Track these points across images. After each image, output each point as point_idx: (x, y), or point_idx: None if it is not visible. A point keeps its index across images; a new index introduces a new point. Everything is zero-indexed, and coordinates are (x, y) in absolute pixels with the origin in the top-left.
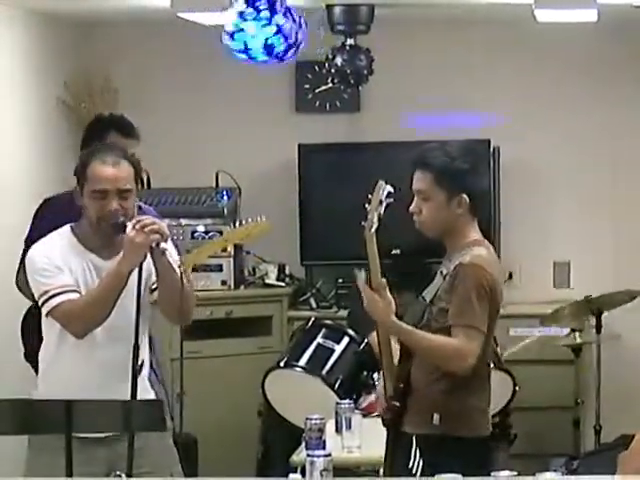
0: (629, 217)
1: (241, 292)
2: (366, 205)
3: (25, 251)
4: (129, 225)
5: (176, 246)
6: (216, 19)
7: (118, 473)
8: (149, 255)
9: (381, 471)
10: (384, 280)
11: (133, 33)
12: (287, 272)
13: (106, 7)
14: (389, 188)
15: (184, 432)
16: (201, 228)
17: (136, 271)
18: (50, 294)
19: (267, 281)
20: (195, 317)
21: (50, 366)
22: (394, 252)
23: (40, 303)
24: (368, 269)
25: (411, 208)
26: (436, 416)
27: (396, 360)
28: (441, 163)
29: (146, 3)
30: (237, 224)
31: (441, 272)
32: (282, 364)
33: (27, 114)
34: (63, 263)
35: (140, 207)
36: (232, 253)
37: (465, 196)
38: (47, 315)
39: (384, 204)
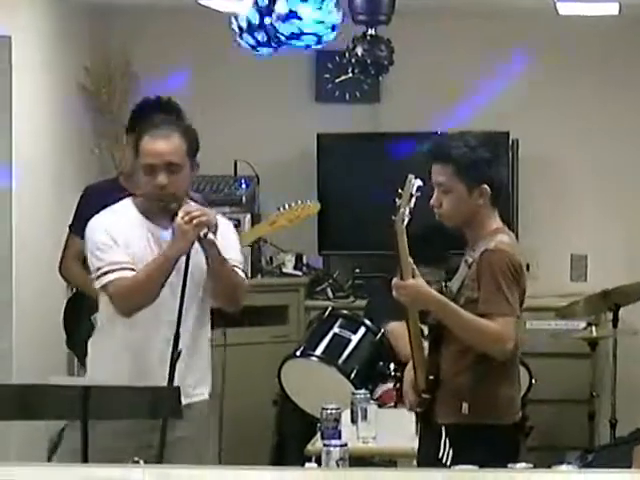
0: None
1: (258, 281)
2: (396, 200)
3: (68, 237)
4: (179, 214)
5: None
6: (236, 7)
7: (136, 459)
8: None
9: (413, 462)
10: (412, 261)
11: (153, 19)
12: (304, 262)
13: None
14: (419, 182)
15: None
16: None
17: (183, 260)
18: (103, 271)
19: (284, 270)
20: (211, 305)
21: (100, 345)
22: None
23: (93, 278)
24: (399, 263)
25: (432, 201)
26: (465, 405)
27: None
28: (461, 154)
29: None
30: (285, 207)
31: (466, 261)
32: (298, 353)
33: (48, 99)
34: (122, 236)
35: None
36: (250, 242)
37: (486, 186)
38: (100, 290)
39: (414, 198)
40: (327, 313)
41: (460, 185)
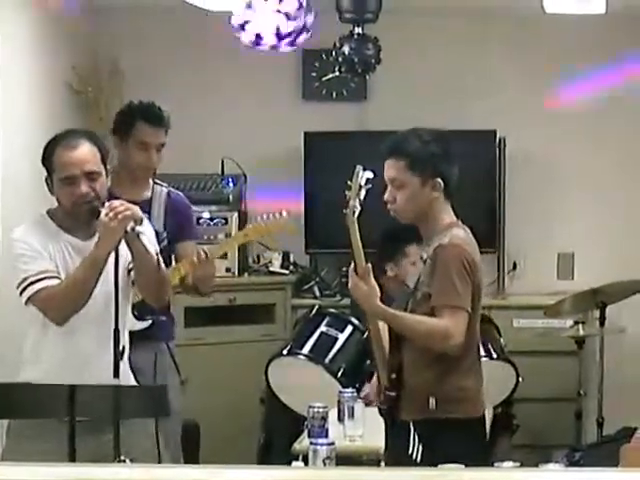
0: (634, 209)
1: (245, 279)
2: (346, 192)
3: None
4: (102, 211)
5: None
6: (222, 5)
7: (123, 458)
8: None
9: (382, 463)
10: (369, 265)
11: (141, 18)
12: (291, 260)
13: None
14: (368, 174)
15: (186, 418)
16: (206, 215)
17: (112, 256)
18: (29, 281)
19: (271, 269)
20: (198, 304)
21: (34, 356)
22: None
23: (20, 291)
24: (352, 256)
25: (385, 197)
26: (432, 400)
27: (387, 351)
28: (414, 149)
29: None
30: (259, 219)
31: (421, 257)
32: (285, 352)
33: (35, 99)
34: (42, 247)
35: (169, 193)
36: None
37: (439, 180)
38: (26, 303)
39: (364, 190)
40: (314, 311)
41: (413, 179)
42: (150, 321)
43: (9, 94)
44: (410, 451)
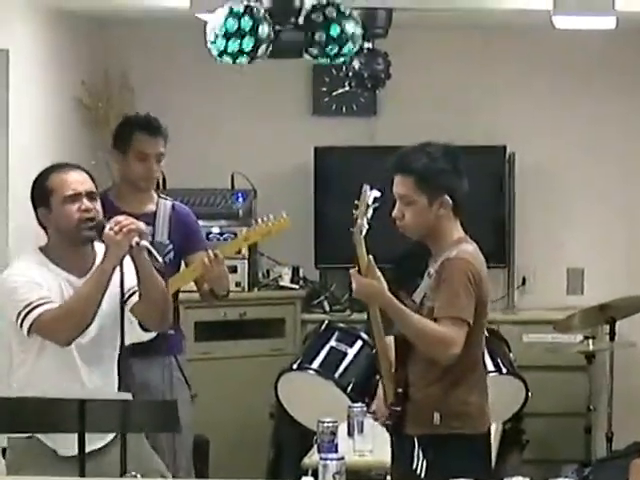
0: None
1: (255, 294)
2: (353, 210)
3: None
4: (107, 225)
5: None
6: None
7: (133, 473)
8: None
9: (388, 478)
10: (371, 258)
11: (151, 33)
12: (301, 275)
13: (124, 6)
14: (376, 193)
15: (196, 433)
16: (216, 230)
17: (117, 274)
18: (32, 307)
19: (281, 283)
20: (209, 318)
21: (24, 385)
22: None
23: (21, 320)
24: (359, 268)
25: (393, 213)
26: (436, 415)
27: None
28: (422, 166)
29: (165, 3)
30: (257, 222)
31: (428, 273)
32: (295, 366)
33: (44, 113)
34: (41, 279)
35: (173, 206)
36: (247, 255)
37: (447, 197)
38: (29, 330)
39: (371, 208)
40: (324, 326)
41: (421, 196)
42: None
43: (19, 109)
44: (414, 466)
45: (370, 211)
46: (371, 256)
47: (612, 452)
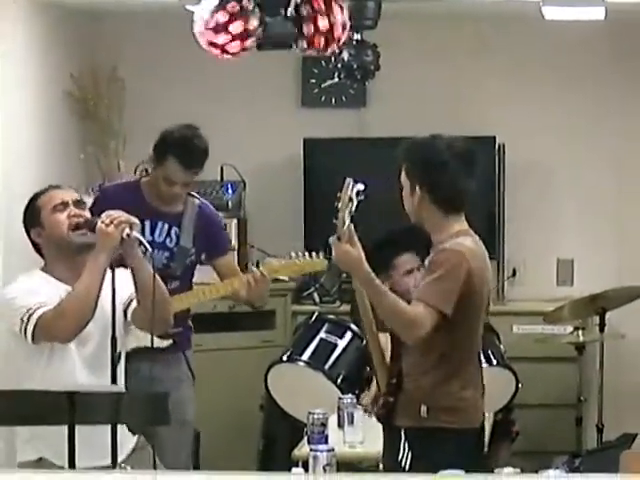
0: (633, 215)
1: None
2: (336, 203)
3: None
4: (99, 220)
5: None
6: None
7: (123, 466)
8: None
9: (381, 466)
10: (351, 228)
11: (140, 25)
12: None
13: None
14: (359, 186)
15: None
16: None
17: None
18: (32, 311)
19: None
20: (199, 310)
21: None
22: None
23: (24, 326)
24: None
25: None
26: (423, 408)
27: (388, 357)
28: (408, 156)
29: None
30: (293, 256)
31: (418, 267)
32: (285, 358)
33: (34, 106)
34: (39, 289)
35: (200, 206)
36: (236, 247)
37: (419, 190)
38: (33, 335)
39: (354, 202)
40: (314, 318)
41: (407, 183)
42: (171, 340)
43: (9, 102)
44: (399, 458)
45: (352, 204)
46: (352, 225)
47: (603, 443)
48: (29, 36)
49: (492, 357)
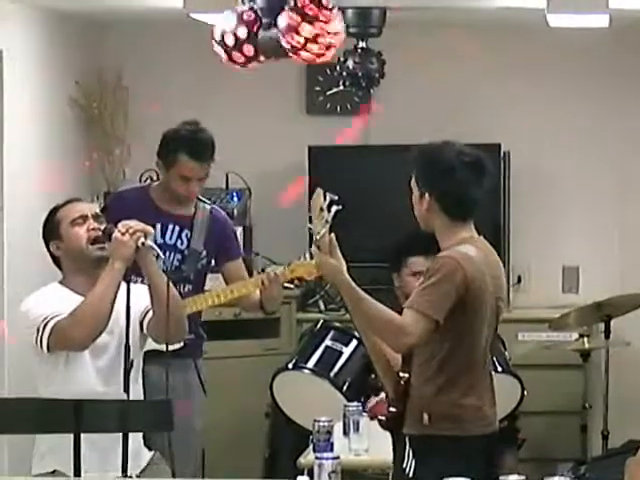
0: (639, 223)
1: None
2: (309, 213)
3: None
4: (116, 229)
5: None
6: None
7: (129, 474)
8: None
9: (390, 474)
10: (332, 236)
11: (145, 32)
12: None
13: (118, 6)
14: (332, 197)
15: None
16: None
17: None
18: (48, 319)
19: None
20: (204, 318)
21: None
22: None
23: (40, 335)
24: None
25: None
26: (425, 416)
27: (398, 365)
28: (418, 162)
29: (158, 3)
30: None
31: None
32: (290, 366)
33: (39, 113)
34: (56, 300)
35: (211, 211)
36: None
37: (427, 196)
38: (48, 344)
39: (331, 212)
40: (319, 326)
41: (415, 191)
42: (182, 343)
43: (14, 109)
44: (404, 465)
45: (326, 214)
46: (333, 235)
47: (608, 450)
48: (35, 43)
49: (497, 364)
